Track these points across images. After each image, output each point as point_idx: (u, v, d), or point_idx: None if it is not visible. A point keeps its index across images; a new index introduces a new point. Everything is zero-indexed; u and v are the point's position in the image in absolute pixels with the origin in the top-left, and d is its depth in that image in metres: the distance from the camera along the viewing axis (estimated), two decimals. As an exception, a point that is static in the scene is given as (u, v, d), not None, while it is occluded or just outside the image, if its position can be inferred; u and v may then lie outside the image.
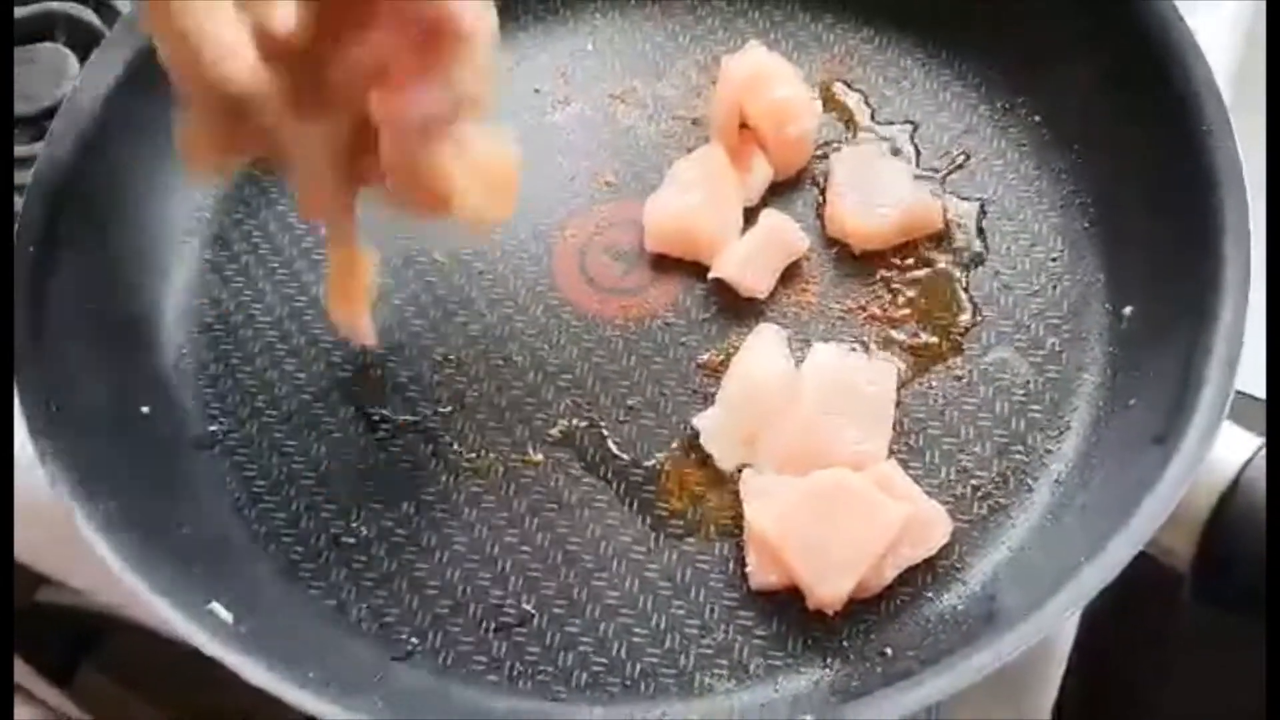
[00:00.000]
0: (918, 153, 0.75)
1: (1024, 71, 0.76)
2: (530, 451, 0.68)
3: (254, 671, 0.55)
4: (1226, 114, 0.66)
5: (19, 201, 0.70)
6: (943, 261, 0.72)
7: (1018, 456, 0.65)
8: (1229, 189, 0.64)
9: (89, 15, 0.88)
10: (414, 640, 0.63)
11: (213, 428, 0.70)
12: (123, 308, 0.71)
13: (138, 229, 0.74)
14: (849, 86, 0.78)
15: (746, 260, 0.71)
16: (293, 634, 0.62)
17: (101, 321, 0.70)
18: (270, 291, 0.74)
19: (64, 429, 0.63)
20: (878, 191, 0.72)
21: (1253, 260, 0.62)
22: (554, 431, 0.68)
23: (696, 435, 0.67)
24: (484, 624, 0.63)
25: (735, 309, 0.71)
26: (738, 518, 0.64)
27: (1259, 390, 0.63)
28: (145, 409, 0.69)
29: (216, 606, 0.59)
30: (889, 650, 0.60)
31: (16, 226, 0.68)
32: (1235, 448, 0.59)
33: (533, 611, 0.63)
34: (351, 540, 0.66)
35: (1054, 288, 0.70)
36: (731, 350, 0.70)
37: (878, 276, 0.71)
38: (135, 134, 0.73)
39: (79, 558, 0.59)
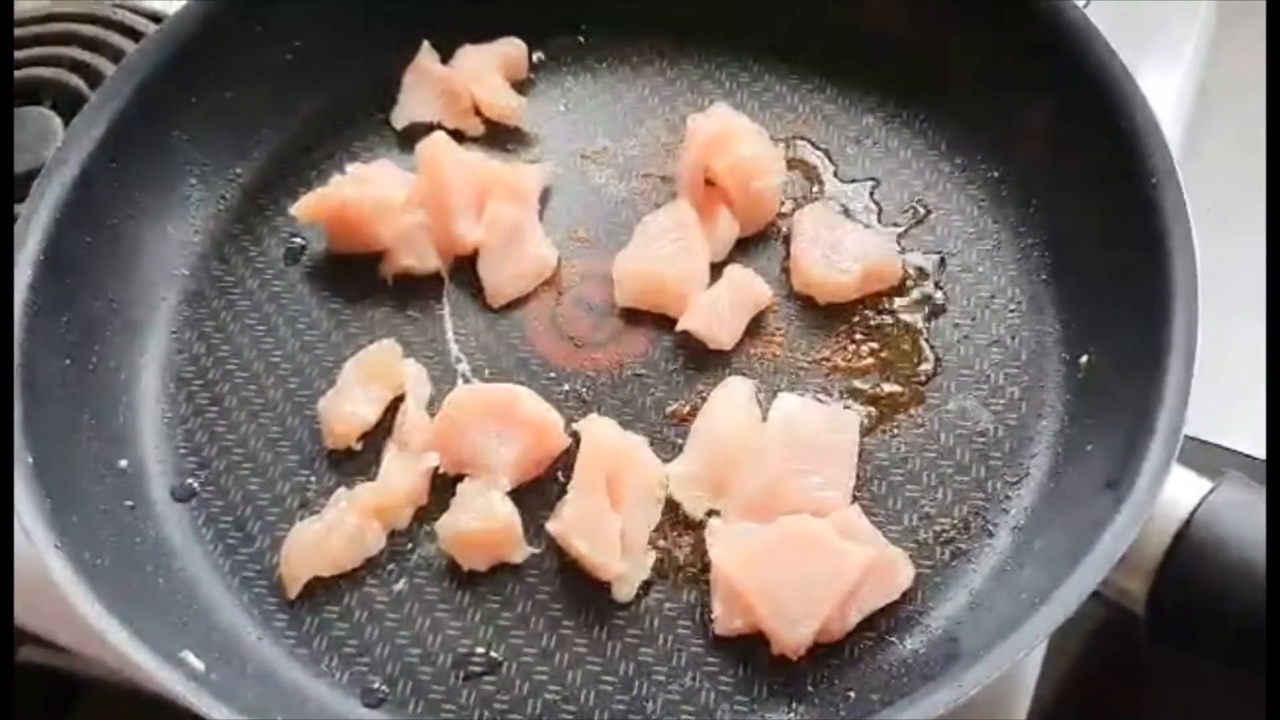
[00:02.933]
0: (879, 208, 0.77)
1: (982, 129, 0.78)
2: (499, 501, 0.69)
3: (224, 718, 0.56)
4: (1175, 168, 0.68)
5: None
6: (904, 313, 0.73)
7: (978, 502, 0.67)
8: (1176, 241, 0.66)
9: (76, 81, 0.90)
10: (384, 689, 0.63)
11: (189, 480, 0.71)
12: (100, 363, 0.73)
13: (116, 285, 0.75)
14: (812, 144, 0.81)
15: (713, 313, 0.72)
16: (264, 682, 0.63)
17: (79, 377, 0.71)
18: (247, 347, 0.76)
19: (40, 482, 0.63)
20: (841, 246, 0.74)
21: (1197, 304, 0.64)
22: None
23: (665, 483, 0.68)
24: (453, 672, 0.64)
25: (703, 360, 0.73)
26: (704, 564, 0.65)
27: (1211, 436, 0.65)
28: (123, 463, 0.70)
29: (188, 655, 0.60)
30: (852, 694, 0.61)
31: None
32: (1186, 491, 0.60)
33: (501, 659, 0.64)
34: (323, 590, 0.67)
35: (1013, 338, 0.72)
36: (699, 400, 0.71)
37: (841, 328, 0.73)
38: (114, 194, 0.76)
39: (54, 607, 0.59)
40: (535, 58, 0.86)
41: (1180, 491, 0.60)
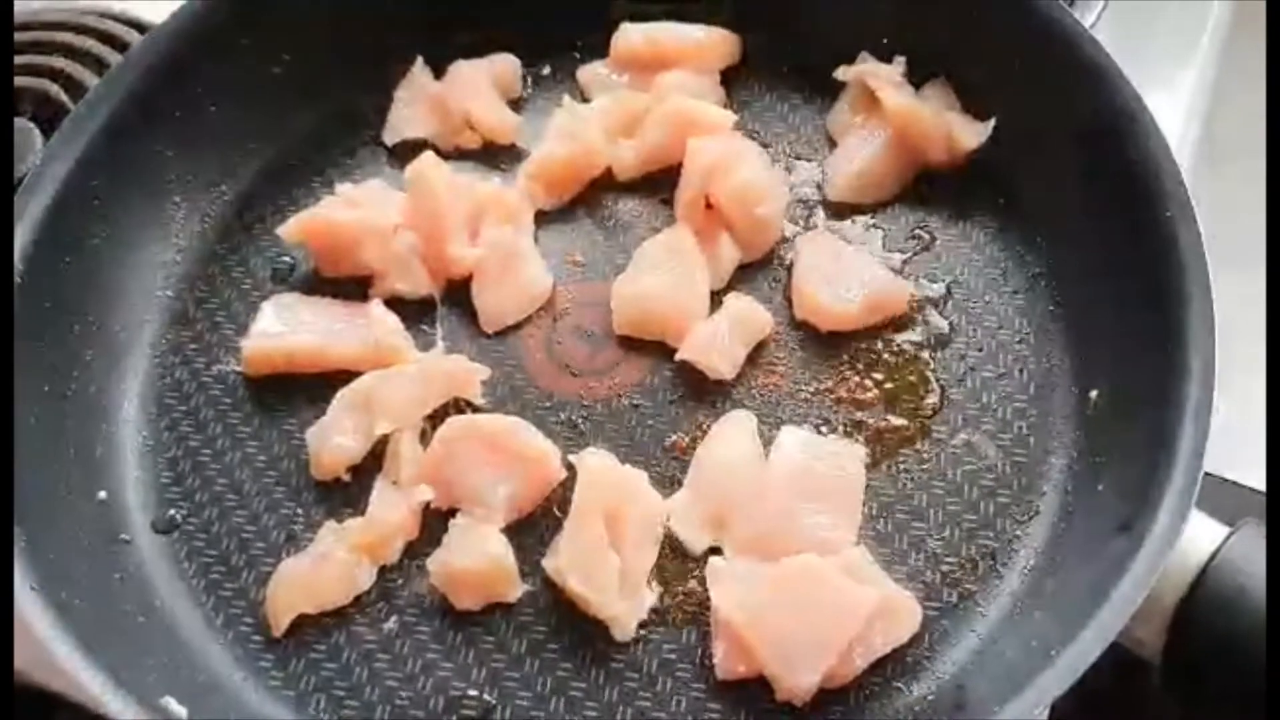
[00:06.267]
0: (884, 235, 0.75)
1: (988, 154, 0.76)
2: (494, 537, 0.67)
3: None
4: (1188, 196, 0.66)
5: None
6: (909, 343, 0.72)
7: (987, 542, 0.65)
8: (1192, 272, 0.64)
9: (56, 91, 0.87)
10: (374, 733, 0.61)
11: (171, 512, 0.69)
12: (80, 389, 0.70)
13: (96, 307, 0.73)
14: (816, 168, 0.78)
15: (713, 342, 0.70)
16: (249, 727, 0.61)
17: (57, 403, 0.69)
18: (232, 369, 0.73)
19: (16, 516, 0.61)
20: (845, 274, 0.72)
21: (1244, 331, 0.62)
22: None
23: (664, 518, 0.66)
24: (445, 716, 0.62)
25: (702, 391, 0.71)
26: (705, 603, 0.63)
27: (1226, 471, 0.63)
28: (102, 493, 0.68)
29: (169, 700, 0.57)
30: (858, 742, 0.59)
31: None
32: (1202, 537, 0.59)
33: (495, 703, 0.62)
34: (310, 628, 0.64)
35: (1020, 370, 0.70)
36: (699, 432, 0.69)
37: (845, 358, 0.71)
38: (95, 212, 0.73)
39: (26, 640, 0.57)
40: (530, 75, 0.84)
41: (1196, 537, 0.59)
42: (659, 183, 0.78)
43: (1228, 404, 0.63)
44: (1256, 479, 0.70)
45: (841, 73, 0.79)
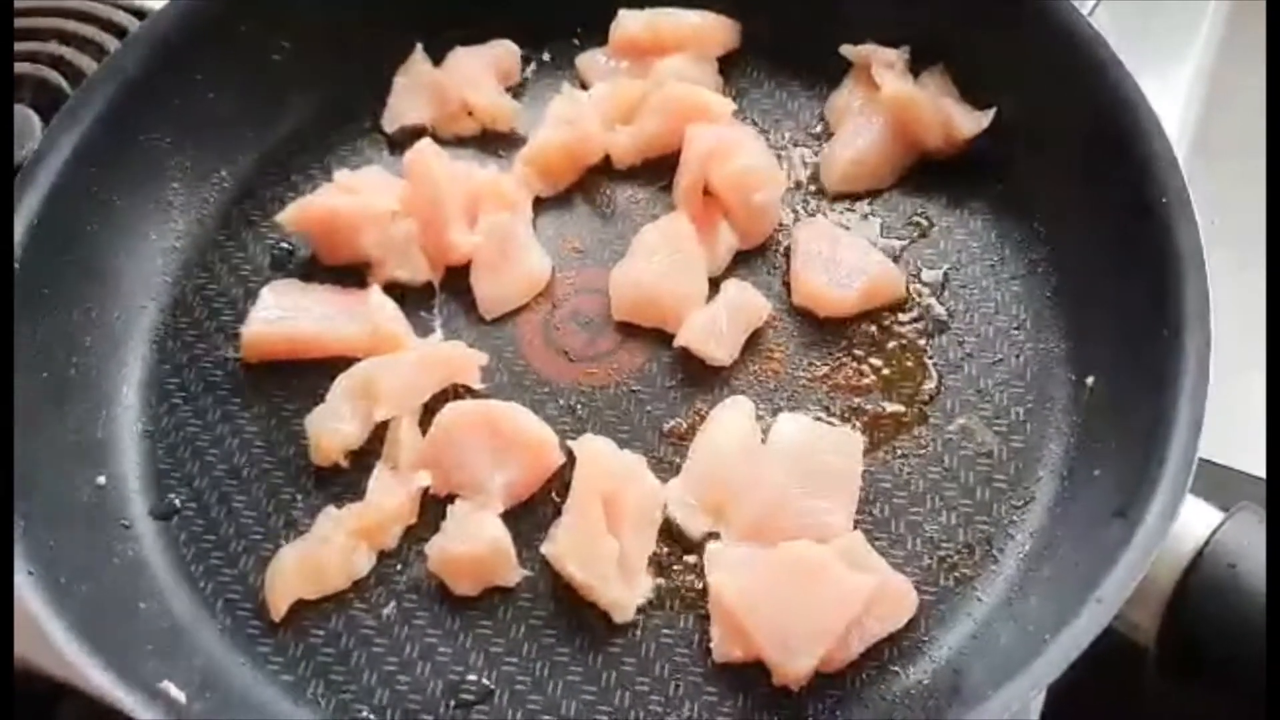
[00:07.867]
0: (881, 221, 0.76)
1: (986, 142, 0.76)
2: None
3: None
4: (1185, 184, 0.66)
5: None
6: (907, 329, 0.72)
7: (983, 527, 0.65)
8: (1188, 259, 0.64)
9: (56, 78, 0.87)
10: (372, 717, 0.61)
11: (170, 497, 0.69)
12: (79, 376, 0.70)
13: (95, 294, 0.73)
14: (813, 153, 0.79)
15: (711, 329, 0.70)
16: (248, 712, 0.61)
17: (56, 390, 0.69)
18: (230, 356, 0.74)
19: (15, 503, 0.61)
20: (842, 260, 0.72)
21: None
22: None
23: (663, 503, 0.66)
24: (444, 700, 0.62)
25: (700, 377, 0.71)
26: (703, 588, 0.63)
27: (1219, 456, 0.63)
28: (101, 479, 0.68)
29: (169, 685, 0.58)
30: (855, 727, 0.60)
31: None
32: (1198, 522, 0.59)
33: (493, 687, 0.62)
34: (309, 614, 0.65)
35: (1017, 356, 0.70)
36: (697, 418, 0.69)
37: (842, 344, 0.71)
38: (93, 200, 0.73)
39: (26, 625, 0.57)
40: (531, 62, 0.84)
41: (1191, 522, 0.59)
42: (657, 169, 0.78)
43: (1225, 393, 0.64)
44: (1251, 464, 0.71)
45: (846, 50, 0.79)
